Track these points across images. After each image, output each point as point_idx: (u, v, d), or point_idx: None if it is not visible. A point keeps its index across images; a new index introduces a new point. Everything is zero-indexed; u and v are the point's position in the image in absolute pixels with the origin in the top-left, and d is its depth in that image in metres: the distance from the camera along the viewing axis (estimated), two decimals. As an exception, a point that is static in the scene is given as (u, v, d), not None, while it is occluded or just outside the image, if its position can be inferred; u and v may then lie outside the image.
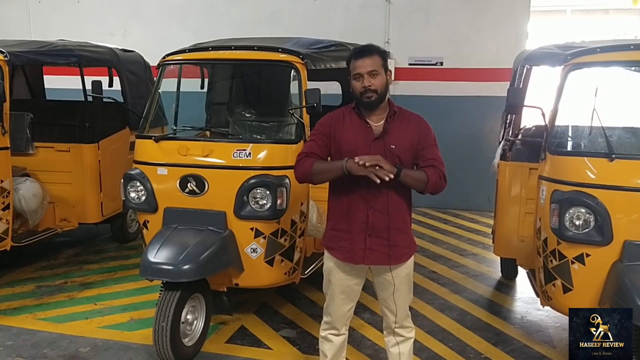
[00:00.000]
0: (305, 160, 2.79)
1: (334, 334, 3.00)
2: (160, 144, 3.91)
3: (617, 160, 3.24)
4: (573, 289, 3.34)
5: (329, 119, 2.84)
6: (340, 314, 2.95)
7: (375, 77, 2.69)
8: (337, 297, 2.91)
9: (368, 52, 2.71)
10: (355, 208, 2.75)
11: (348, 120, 2.80)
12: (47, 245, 5.77)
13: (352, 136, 2.75)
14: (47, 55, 5.11)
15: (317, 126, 2.86)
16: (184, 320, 3.54)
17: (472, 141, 7.33)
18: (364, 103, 2.73)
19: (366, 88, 2.68)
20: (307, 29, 7.09)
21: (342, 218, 2.80)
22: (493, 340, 4.02)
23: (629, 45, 3.55)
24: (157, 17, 8.28)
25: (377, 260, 2.80)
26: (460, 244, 6.26)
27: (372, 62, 2.70)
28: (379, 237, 2.77)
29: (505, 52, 6.68)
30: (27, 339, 3.97)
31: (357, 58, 2.71)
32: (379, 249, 2.78)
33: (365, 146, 2.72)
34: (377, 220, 2.75)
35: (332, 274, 2.89)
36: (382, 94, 2.72)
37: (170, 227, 3.73)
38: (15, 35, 7.05)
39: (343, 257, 2.83)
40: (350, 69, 2.76)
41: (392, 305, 2.92)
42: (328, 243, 2.90)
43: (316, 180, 2.80)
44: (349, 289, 2.90)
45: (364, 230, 2.76)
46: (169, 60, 4.22)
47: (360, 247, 2.77)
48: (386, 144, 2.73)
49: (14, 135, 4.65)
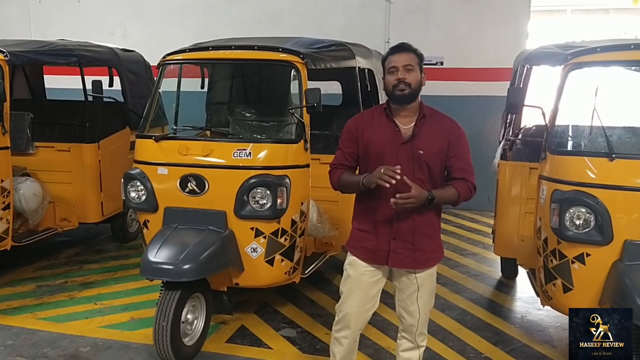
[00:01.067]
0: (334, 173, 2.81)
1: (345, 336, 2.86)
2: (161, 144, 3.91)
3: (618, 160, 3.24)
4: (573, 289, 3.34)
5: (356, 121, 2.81)
6: (356, 311, 2.81)
7: (410, 72, 2.65)
8: (355, 293, 2.80)
9: (405, 49, 2.70)
10: (381, 210, 2.69)
11: (377, 121, 2.74)
12: (48, 244, 5.78)
13: (380, 139, 2.69)
14: (47, 55, 5.11)
15: (345, 130, 2.83)
16: (184, 320, 3.54)
17: (472, 141, 7.13)
18: (396, 96, 2.66)
19: (400, 80, 2.62)
20: (307, 28, 7.09)
21: (366, 219, 2.77)
22: (493, 340, 4.02)
23: (629, 44, 3.55)
24: (158, 16, 8.29)
25: (401, 264, 2.73)
26: (460, 243, 6.26)
27: (409, 58, 2.67)
28: (403, 241, 2.70)
29: (506, 52, 6.68)
30: (27, 339, 3.97)
31: (393, 53, 2.69)
32: (404, 252, 2.71)
33: (392, 150, 2.66)
34: (404, 224, 2.68)
35: (353, 267, 2.81)
36: (415, 90, 2.66)
37: (171, 226, 3.73)
38: (15, 35, 7.06)
39: (364, 257, 2.77)
40: (384, 65, 2.72)
41: (411, 306, 2.80)
42: (350, 242, 2.85)
43: (345, 192, 2.85)
44: (367, 285, 2.80)
45: (389, 233, 2.70)
46: (169, 59, 4.22)
47: (384, 249, 2.72)
48: (414, 149, 2.66)
49: (14, 135, 4.65)
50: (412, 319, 2.84)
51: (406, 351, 2.93)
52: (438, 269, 5.52)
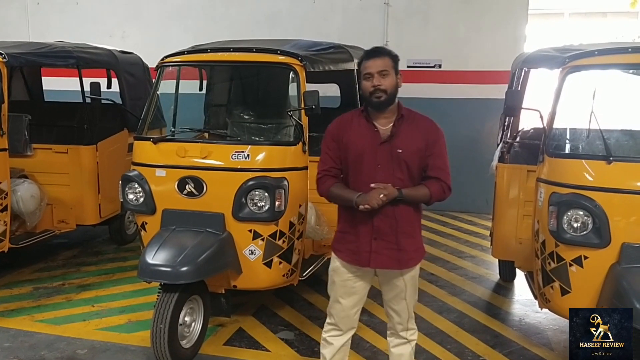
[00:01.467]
0: (324, 181, 2.82)
1: (335, 335, 2.95)
2: (159, 146, 3.91)
3: (615, 163, 3.24)
4: (571, 292, 3.34)
5: (336, 124, 2.84)
6: (344, 315, 2.90)
7: (386, 77, 2.68)
8: (341, 298, 2.88)
9: (379, 53, 2.72)
10: (362, 213, 2.70)
11: (356, 123, 2.79)
12: (45, 246, 5.76)
13: (359, 140, 2.74)
14: (45, 57, 5.10)
15: (327, 134, 2.85)
16: (181, 322, 3.53)
17: (470, 143, 7.34)
18: (373, 103, 2.71)
19: (376, 87, 2.66)
20: (305, 31, 7.09)
21: (348, 221, 2.81)
22: (491, 343, 4.02)
23: (626, 48, 3.56)
24: (156, 18, 8.29)
25: (384, 264, 2.77)
26: (458, 246, 6.26)
27: (383, 63, 2.69)
28: (385, 241, 2.73)
29: (504, 55, 6.69)
30: (24, 341, 3.96)
31: (367, 58, 2.71)
32: (386, 253, 2.74)
33: (371, 150, 2.71)
34: (382, 224, 2.72)
35: (337, 274, 2.87)
36: (391, 95, 2.70)
37: (169, 228, 3.72)
38: (13, 37, 7.05)
39: (349, 259, 2.82)
40: (360, 70, 2.75)
41: (397, 307, 2.90)
42: (335, 245, 2.90)
43: (333, 202, 2.87)
44: (353, 290, 2.86)
45: (370, 233, 2.74)
46: (167, 62, 4.22)
47: (366, 249, 2.75)
48: (393, 148, 2.70)
49: (12, 137, 4.64)
50: (399, 317, 2.93)
51: (397, 347, 3.01)
52: (435, 272, 5.57)
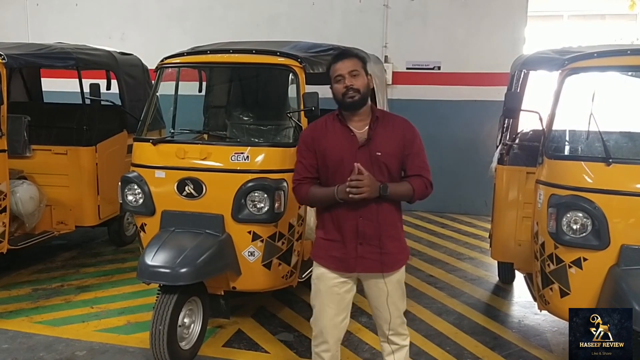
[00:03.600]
0: (300, 189, 2.77)
1: (325, 349, 2.84)
2: (158, 147, 3.91)
3: (614, 165, 3.25)
4: (570, 293, 3.34)
5: (310, 132, 2.80)
6: (332, 325, 2.80)
7: (357, 77, 2.66)
8: (327, 307, 2.79)
9: (347, 55, 2.71)
10: (344, 217, 2.70)
11: (331, 129, 2.74)
12: (44, 248, 5.75)
13: (336, 146, 2.70)
14: (44, 58, 5.10)
15: (301, 142, 2.81)
16: (181, 324, 3.53)
17: (469, 145, 7.35)
18: (346, 104, 2.68)
19: (348, 87, 2.64)
20: (305, 32, 7.11)
21: (332, 228, 2.75)
22: (490, 344, 4.02)
23: (625, 50, 3.56)
24: (156, 20, 8.29)
25: (370, 268, 2.74)
26: (457, 247, 6.27)
27: (352, 64, 2.68)
28: (370, 245, 2.71)
29: (503, 57, 6.70)
30: (23, 342, 3.96)
31: (336, 61, 2.70)
32: (371, 257, 2.72)
33: (350, 156, 2.66)
34: (367, 228, 2.69)
35: (322, 281, 2.79)
36: (364, 95, 2.69)
37: (168, 230, 3.72)
38: (13, 38, 7.06)
39: (335, 267, 2.76)
40: (330, 74, 2.72)
41: (384, 312, 2.83)
42: (317, 252, 2.83)
43: (315, 206, 2.85)
44: (339, 297, 2.79)
45: (355, 238, 2.70)
46: (167, 63, 4.22)
47: (352, 255, 2.72)
48: (371, 152, 2.68)
49: (11, 138, 4.64)
50: (388, 323, 2.85)
51: (390, 354, 2.93)
52: (434, 273, 5.58)
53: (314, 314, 2.86)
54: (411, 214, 7.60)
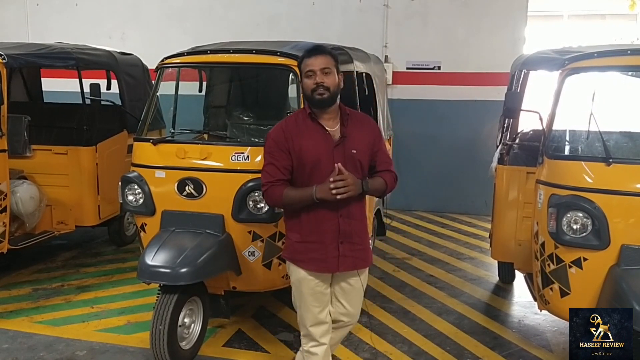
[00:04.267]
0: (273, 191, 2.70)
1: (315, 345, 2.88)
2: (158, 147, 3.91)
3: (615, 165, 3.25)
4: (570, 293, 3.35)
5: (282, 132, 2.73)
6: (318, 321, 2.85)
7: (328, 75, 2.65)
8: (312, 306, 2.83)
9: (321, 51, 2.69)
10: (325, 218, 2.70)
11: (304, 127, 2.72)
12: (44, 248, 5.75)
13: (313, 145, 2.68)
14: (45, 58, 5.10)
15: (271, 143, 2.73)
16: (181, 324, 3.53)
17: (469, 145, 7.35)
18: (315, 101, 2.66)
19: (318, 84, 2.63)
20: (305, 32, 7.11)
21: (312, 230, 2.73)
22: (490, 344, 4.02)
23: (626, 50, 3.56)
24: (156, 20, 8.29)
25: (351, 266, 2.78)
26: (457, 247, 6.27)
27: (325, 61, 2.66)
28: (350, 243, 2.75)
29: (503, 57, 6.69)
30: (23, 342, 3.96)
31: (309, 56, 2.67)
32: (352, 254, 2.76)
33: (327, 154, 2.67)
34: (347, 226, 2.72)
35: (303, 284, 2.80)
36: (334, 94, 2.68)
37: (168, 230, 3.72)
38: (13, 38, 7.06)
39: (316, 268, 2.76)
40: (301, 68, 2.70)
41: (350, 308, 2.90)
42: (295, 256, 2.80)
43: (290, 209, 2.77)
44: (321, 295, 2.83)
45: (336, 238, 2.72)
46: (167, 63, 4.21)
47: (334, 255, 2.73)
48: (346, 150, 2.70)
49: (11, 138, 4.65)
50: (351, 317, 2.94)
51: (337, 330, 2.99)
52: (435, 273, 5.59)
53: (300, 316, 2.90)
54: (411, 213, 7.61)
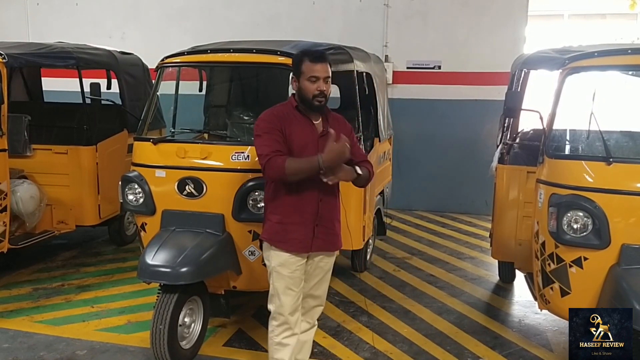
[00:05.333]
0: (275, 160, 2.79)
1: (288, 335, 2.99)
2: (159, 147, 3.91)
3: (615, 164, 3.25)
4: (571, 293, 3.34)
5: (275, 115, 2.91)
6: (294, 308, 2.98)
7: (328, 83, 2.86)
8: (290, 291, 2.95)
9: (325, 59, 2.88)
10: (307, 200, 2.88)
11: (293, 117, 2.91)
12: (44, 247, 5.75)
13: (301, 133, 2.89)
14: (45, 58, 5.10)
15: (267, 123, 2.89)
16: (181, 323, 3.53)
17: (470, 145, 7.35)
18: (314, 106, 2.87)
19: (321, 92, 2.84)
20: (305, 32, 7.11)
21: (292, 211, 2.90)
22: (491, 344, 4.02)
23: (626, 49, 3.56)
24: (156, 19, 8.29)
25: (322, 247, 2.97)
26: (458, 247, 6.26)
27: (327, 69, 2.87)
28: (324, 226, 2.95)
29: (503, 56, 6.70)
30: (23, 342, 3.96)
31: (315, 61, 2.84)
32: (323, 237, 2.96)
33: (313, 143, 2.89)
34: (325, 211, 2.94)
35: (285, 267, 2.93)
36: (327, 99, 2.91)
37: (168, 229, 3.72)
38: (13, 38, 7.06)
39: (295, 249, 2.91)
40: (302, 69, 2.86)
41: (319, 291, 3.09)
42: (274, 237, 2.95)
43: (291, 179, 2.82)
44: (298, 281, 2.97)
45: (313, 220, 2.91)
46: (167, 62, 4.21)
47: (310, 236, 2.92)
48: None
49: (11, 138, 4.64)
50: (318, 300, 3.13)
51: (305, 332, 3.14)
52: (435, 273, 5.60)
53: (279, 302, 2.96)
54: (412, 213, 7.61)
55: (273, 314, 3.00)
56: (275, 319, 2.99)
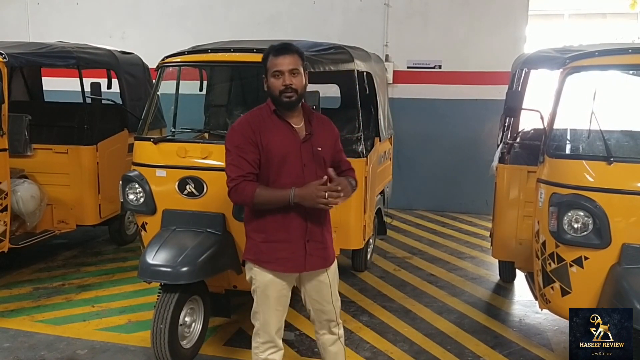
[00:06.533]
0: (245, 187, 2.58)
1: (274, 351, 2.82)
2: (159, 146, 3.91)
3: (615, 164, 3.25)
4: (571, 292, 3.34)
5: (249, 125, 2.64)
6: (278, 327, 2.80)
7: (296, 76, 2.60)
8: (276, 311, 2.76)
9: (289, 50, 2.61)
10: (293, 216, 2.64)
11: (270, 123, 2.65)
12: (45, 247, 5.76)
13: (280, 141, 2.63)
14: (45, 57, 5.10)
15: (239, 137, 2.63)
16: (182, 323, 3.53)
17: (470, 144, 7.35)
18: (283, 103, 2.61)
19: (287, 86, 2.57)
20: (305, 31, 7.10)
21: (278, 228, 2.66)
22: (491, 343, 4.02)
23: (627, 49, 3.56)
24: (156, 19, 8.29)
25: (317, 265, 2.74)
26: (458, 246, 6.26)
27: (294, 61, 2.59)
28: (315, 242, 2.71)
29: (504, 56, 6.70)
30: (24, 341, 3.96)
31: (277, 55, 2.59)
32: (317, 253, 2.73)
33: (295, 151, 2.64)
34: (314, 226, 2.70)
35: (270, 288, 2.72)
36: (301, 95, 2.64)
37: (169, 229, 3.72)
38: (13, 37, 7.05)
39: (284, 268, 2.69)
40: (267, 66, 2.62)
41: (328, 305, 2.85)
42: (260, 257, 2.70)
43: (260, 208, 2.65)
44: (285, 299, 2.78)
45: (303, 236, 2.68)
46: (167, 62, 4.21)
47: (301, 254, 2.68)
48: (313, 147, 2.68)
49: (12, 137, 4.64)
50: (328, 314, 2.88)
51: (333, 345, 2.96)
52: (435, 272, 5.59)
53: (262, 321, 2.78)
54: (412, 213, 7.61)
55: (257, 330, 2.81)
56: (260, 336, 2.80)
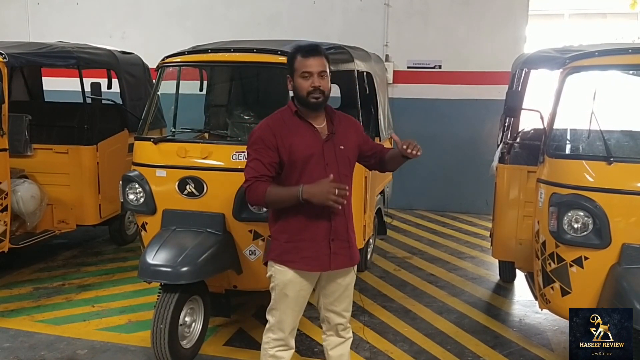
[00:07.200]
0: (257, 187, 2.60)
1: (283, 349, 2.83)
2: (159, 146, 3.91)
3: (615, 164, 3.25)
4: (571, 292, 3.35)
5: (269, 129, 2.66)
6: (293, 326, 2.80)
7: (324, 78, 2.63)
8: (293, 310, 2.77)
9: (318, 53, 2.63)
10: (317, 215, 2.64)
11: (292, 126, 2.67)
12: (45, 247, 5.76)
13: (303, 142, 2.65)
14: (45, 57, 5.10)
15: (257, 140, 2.66)
16: (182, 323, 3.53)
17: (470, 144, 7.35)
18: (310, 104, 2.63)
19: (316, 88, 2.60)
20: (306, 31, 7.11)
21: (301, 228, 2.66)
22: (491, 343, 4.02)
23: (627, 49, 3.56)
24: (156, 19, 8.29)
25: (342, 263, 2.74)
26: (458, 246, 6.27)
27: (322, 63, 2.63)
28: (340, 240, 2.71)
29: (504, 56, 6.70)
30: (24, 341, 3.96)
31: (307, 56, 2.62)
32: (343, 252, 2.72)
33: (318, 151, 2.65)
34: (339, 224, 2.69)
35: (289, 287, 2.71)
36: (327, 97, 2.67)
37: (169, 229, 3.72)
38: (13, 37, 7.06)
39: (309, 267, 2.69)
40: (295, 66, 2.64)
41: (340, 306, 2.86)
42: (284, 257, 2.70)
43: (271, 207, 2.71)
44: (303, 300, 2.78)
45: (328, 235, 2.67)
46: (168, 62, 4.21)
47: (326, 252, 2.68)
48: (335, 146, 2.69)
49: (12, 137, 4.65)
50: (341, 318, 2.89)
51: (336, 348, 2.96)
52: (435, 272, 5.59)
53: (277, 320, 2.79)
54: (412, 212, 7.61)
55: (271, 326, 2.82)
56: (273, 332, 2.81)
